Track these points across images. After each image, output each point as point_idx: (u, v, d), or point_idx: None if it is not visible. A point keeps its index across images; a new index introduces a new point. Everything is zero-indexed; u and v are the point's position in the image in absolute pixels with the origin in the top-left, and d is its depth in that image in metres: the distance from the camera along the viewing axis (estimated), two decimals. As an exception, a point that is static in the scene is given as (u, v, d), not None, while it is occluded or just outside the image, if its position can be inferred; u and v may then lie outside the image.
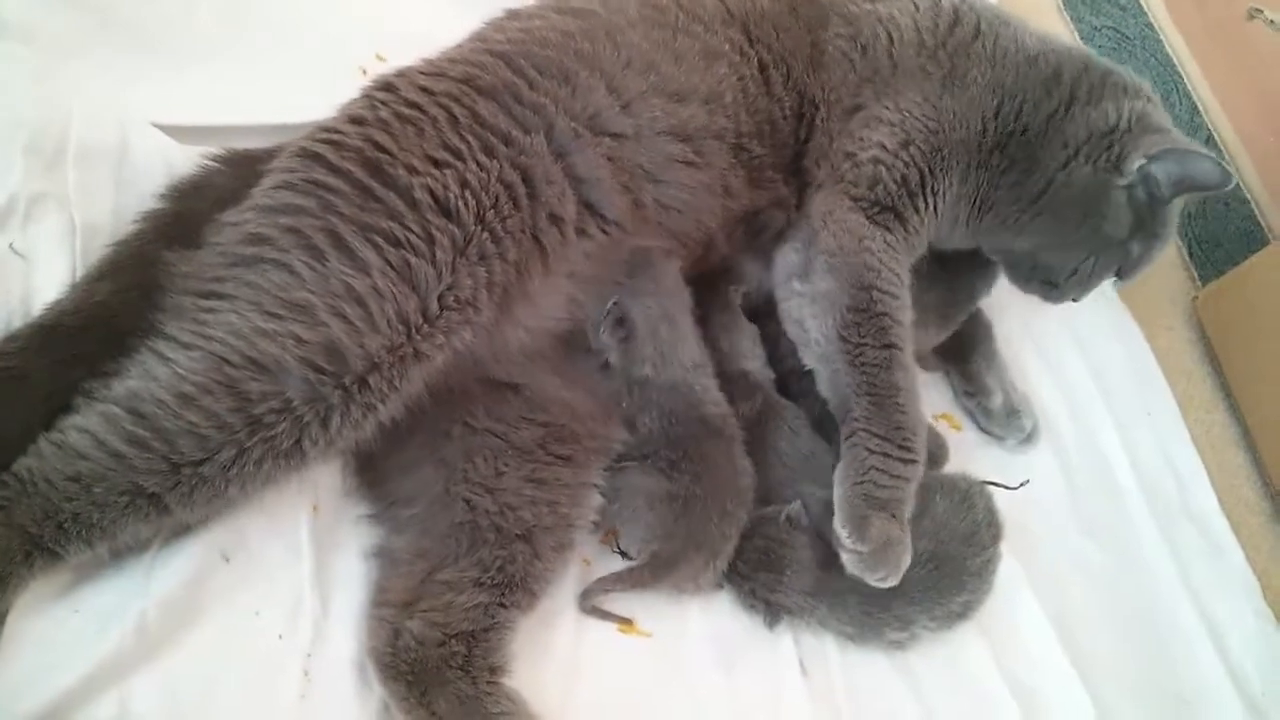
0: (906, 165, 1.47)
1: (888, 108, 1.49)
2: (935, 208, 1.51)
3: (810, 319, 1.45)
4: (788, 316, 1.49)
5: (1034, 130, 1.50)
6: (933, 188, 1.50)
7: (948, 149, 1.49)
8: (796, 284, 1.48)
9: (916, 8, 1.56)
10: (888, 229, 1.47)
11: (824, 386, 1.46)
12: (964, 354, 1.75)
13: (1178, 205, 1.55)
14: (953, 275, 1.67)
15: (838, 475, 1.38)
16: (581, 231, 1.31)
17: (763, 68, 1.46)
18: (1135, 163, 1.46)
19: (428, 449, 1.28)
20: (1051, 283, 1.57)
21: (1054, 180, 1.49)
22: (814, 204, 1.49)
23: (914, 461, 1.39)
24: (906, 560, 1.33)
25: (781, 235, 1.52)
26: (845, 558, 1.33)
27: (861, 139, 1.49)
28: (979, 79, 1.51)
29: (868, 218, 1.47)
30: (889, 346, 1.41)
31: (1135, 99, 1.52)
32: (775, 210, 1.50)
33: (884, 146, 1.47)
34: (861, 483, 1.35)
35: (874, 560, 1.32)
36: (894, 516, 1.34)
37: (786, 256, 1.50)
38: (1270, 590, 1.77)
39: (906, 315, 1.45)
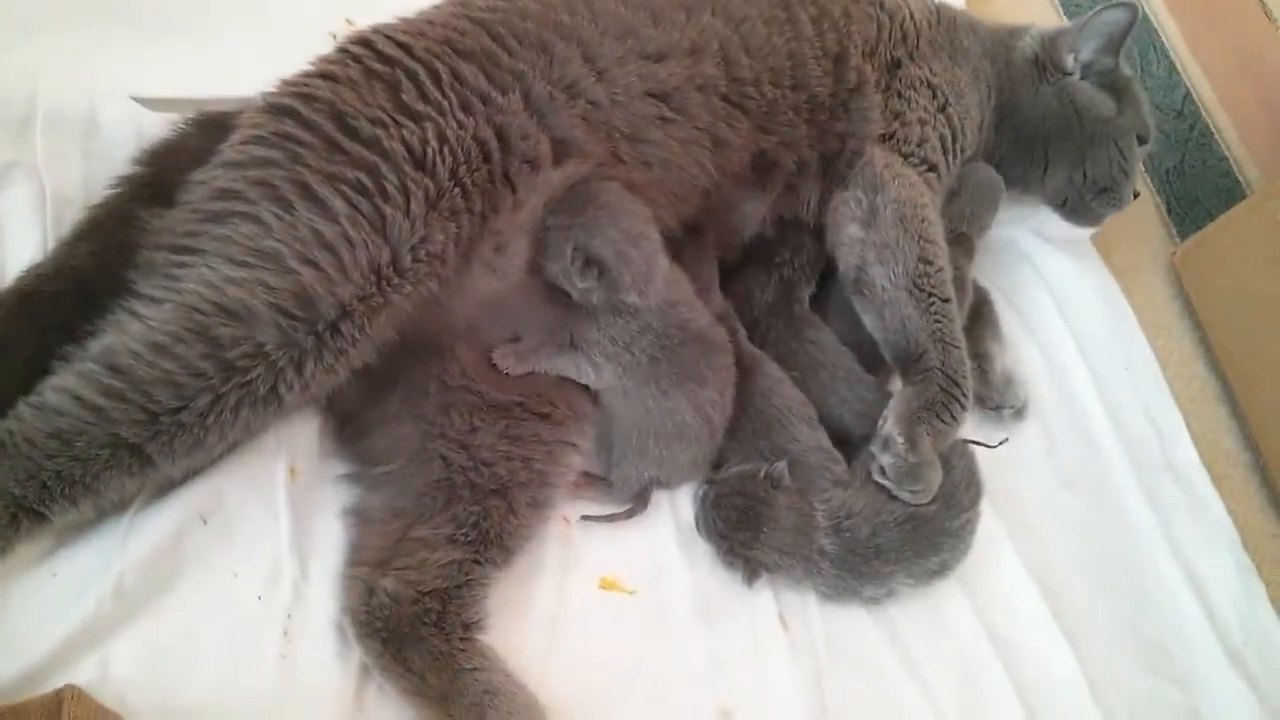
0: (944, 126, 1.60)
1: (922, 69, 1.61)
2: (955, 170, 1.64)
3: (875, 265, 1.49)
4: (845, 261, 1.53)
5: (1008, 82, 1.73)
6: (961, 149, 1.63)
7: (970, 112, 1.65)
8: (857, 230, 1.51)
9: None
10: (932, 188, 1.57)
11: (886, 330, 1.50)
12: (967, 319, 1.75)
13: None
14: None
15: (900, 395, 1.44)
16: (556, 164, 1.30)
17: (786, 5, 1.48)
18: (1067, 58, 1.69)
19: (406, 405, 1.29)
20: (1104, 188, 1.73)
21: (1033, 109, 1.71)
22: (875, 155, 1.53)
23: (966, 409, 1.46)
24: (937, 481, 1.40)
25: (796, 176, 1.54)
26: (888, 463, 1.38)
27: (908, 99, 1.58)
28: (973, 47, 1.70)
29: (919, 175, 1.55)
30: (950, 300, 1.49)
31: (1029, 31, 1.77)
32: (784, 151, 1.50)
33: (926, 108, 1.59)
34: (926, 408, 1.42)
35: (916, 472, 1.38)
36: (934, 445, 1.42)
37: (847, 204, 1.53)
38: (1251, 541, 1.76)
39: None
